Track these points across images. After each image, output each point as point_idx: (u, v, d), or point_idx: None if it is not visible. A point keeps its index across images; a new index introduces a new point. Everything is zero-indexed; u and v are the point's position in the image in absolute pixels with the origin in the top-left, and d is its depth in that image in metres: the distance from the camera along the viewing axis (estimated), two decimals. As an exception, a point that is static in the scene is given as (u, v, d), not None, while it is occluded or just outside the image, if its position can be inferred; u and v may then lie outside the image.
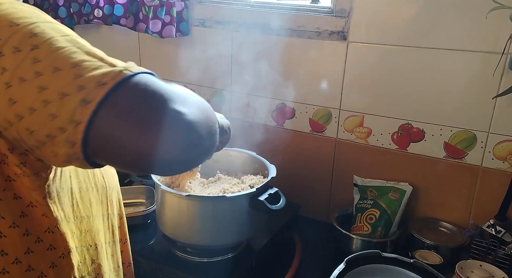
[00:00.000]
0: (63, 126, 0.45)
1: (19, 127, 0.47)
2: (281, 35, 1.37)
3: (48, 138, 0.46)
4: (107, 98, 0.44)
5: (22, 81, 0.46)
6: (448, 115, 1.22)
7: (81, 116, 0.44)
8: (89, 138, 0.45)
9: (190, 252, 1.14)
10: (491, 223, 1.16)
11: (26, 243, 0.57)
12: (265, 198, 1.03)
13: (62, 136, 0.46)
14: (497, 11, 1.05)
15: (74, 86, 0.45)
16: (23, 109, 0.46)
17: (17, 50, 0.46)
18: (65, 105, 0.45)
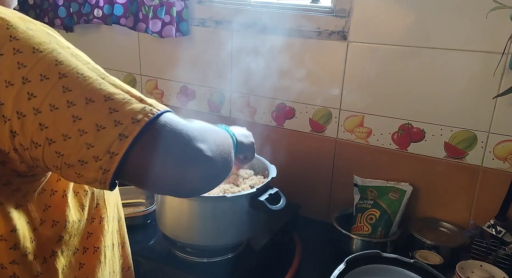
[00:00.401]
0: (98, 155, 0.50)
1: (47, 150, 0.51)
2: (281, 35, 1.37)
3: (79, 162, 0.51)
4: (141, 135, 0.50)
5: (53, 108, 0.49)
6: (449, 115, 1.22)
7: (118, 149, 0.50)
8: (122, 168, 0.51)
9: (190, 252, 1.14)
10: (492, 223, 1.15)
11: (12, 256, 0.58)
12: (265, 198, 1.03)
13: (96, 163, 0.50)
14: (497, 11, 1.05)
15: (111, 120, 0.50)
16: (55, 135, 0.50)
17: (45, 77, 0.49)
18: (102, 137, 0.50)
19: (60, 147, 0.50)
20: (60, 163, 0.51)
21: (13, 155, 0.52)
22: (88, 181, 0.53)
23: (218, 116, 1.57)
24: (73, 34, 1.70)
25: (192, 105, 1.61)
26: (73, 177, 0.53)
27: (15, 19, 0.51)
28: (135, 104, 0.52)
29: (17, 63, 0.49)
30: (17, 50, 0.49)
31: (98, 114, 0.50)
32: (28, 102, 0.49)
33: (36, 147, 0.51)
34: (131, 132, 0.50)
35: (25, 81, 0.49)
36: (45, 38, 0.52)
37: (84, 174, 0.52)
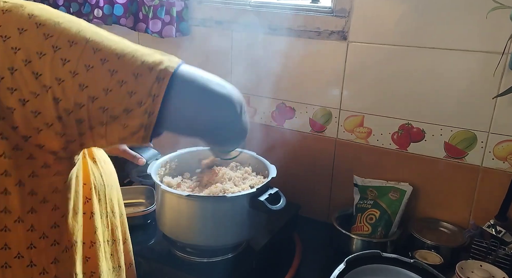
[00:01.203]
0: (141, 100, 0.55)
1: (92, 107, 0.55)
2: (281, 35, 1.37)
3: (124, 112, 0.55)
4: (174, 77, 0.56)
5: (89, 67, 0.54)
6: (448, 115, 1.22)
7: (158, 90, 0.55)
8: (165, 110, 0.55)
9: (190, 252, 1.14)
10: (491, 223, 1.15)
11: (29, 239, 0.59)
12: (265, 198, 1.03)
13: (140, 109, 0.55)
14: (497, 11, 1.05)
15: (145, 68, 0.55)
16: (96, 91, 0.54)
17: (73, 43, 0.54)
18: (141, 83, 0.55)
19: (103, 102, 0.54)
20: (106, 118, 0.55)
21: (56, 126, 0.55)
22: (132, 131, 0.56)
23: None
24: (73, 34, 1.69)
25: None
26: (117, 132, 0.57)
27: (26, 2, 0.55)
28: (160, 55, 0.58)
29: (43, 34, 0.53)
30: (39, 24, 0.53)
31: (131, 65, 0.55)
32: (64, 67, 0.53)
33: (80, 107, 0.54)
34: (166, 74, 0.55)
35: (56, 49, 0.53)
36: (59, 13, 0.56)
37: (129, 123, 0.56)
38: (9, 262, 0.58)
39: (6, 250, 0.57)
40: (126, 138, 0.57)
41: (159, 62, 0.56)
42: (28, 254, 0.59)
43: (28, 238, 0.58)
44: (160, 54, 0.58)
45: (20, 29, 0.52)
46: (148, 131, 0.56)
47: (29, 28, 0.52)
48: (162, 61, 0.57)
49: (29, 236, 0.58)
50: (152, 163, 1.18)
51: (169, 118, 0.57)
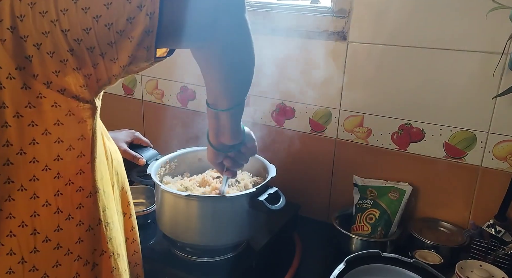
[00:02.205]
0: (140, 3, 0.55)
1: (98, 28, 0.55)
2: (281, 35, 1.37)
3: (128, 21, 0.56)
4: None
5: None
6: (448, 115, 1.22)
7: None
8: (164, 7, 0.55)
9: (190, 252, 1.14)
10: (491, 223, 1.16)
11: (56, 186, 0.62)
12: (265, 198, 1.04)
13: (142, 12, 0.55)
14: (497, 11, 1.05)
15: None
16: (98, 9, 0.55)
17: None
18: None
19: (107, 17, 0.55)
20: (113, 35, 0.56)
21: (71, 61, 0.57)
22: (138, 41, 0.56)
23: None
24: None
25: (192, 105, 1.61)
26: (125, 49, 0.57)
27: None
28: None
29: None
30: None
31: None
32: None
33: (88, 32, 0.55)
34: None
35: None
36: None
37: (134, 34, 0.56)
38: (37, 211, 0.61)
39: (35, 199, 0.60)
40: (133, 53, 0.58)
41: None
42: (55, 201, 0.62)
43: (55, 185, 0.61)
44: None
45: None
46: (151, 36, 0.57)
47: None
48: None
49: (56, 183, 0.61)
50: (152, 163, 1.18)
51: (171, 17, 0.57)
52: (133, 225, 0.87)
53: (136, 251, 0.88)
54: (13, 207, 0.59)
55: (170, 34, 0.60)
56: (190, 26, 0.59)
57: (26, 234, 0.61)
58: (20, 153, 0.58)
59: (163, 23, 0.57)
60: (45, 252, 0.62)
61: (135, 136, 1.28)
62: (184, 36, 0.61)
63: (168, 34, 0.60)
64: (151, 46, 0.58)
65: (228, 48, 0.69)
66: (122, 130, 1.28)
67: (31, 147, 0.59)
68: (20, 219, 0.60)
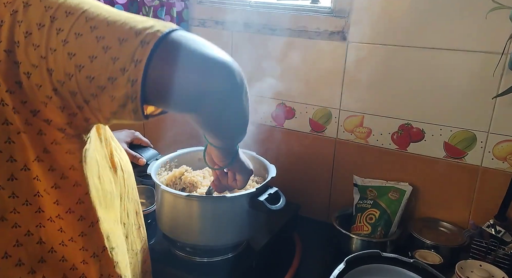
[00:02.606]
0: (124, 66, 0.52)
1: (79, 77, 0.53)
2: (281, 35, 1.37)
3: (109, 81, 0.53)
4: (162, 41, 0.52)
5: (78, 36, 0.53)
6: (448, 115, 1.22)
7: (141, 55, 0.51)
8: (148, 76, 0.52)
9: (190, 252, 1.14)
10: (491, 223, 1.16)
11: (57, 211, 0.63)
12: (265, 198, 1.03)
13: (124, 76, 0.52)
14: (497, 11, 1.05)
15: (132, 33, 0.53)
16: (82, 59, 0.53)
17: (70, 13, 0.54)
18: (125, 48, 0.52)
19: (89, 70, 0.53)
20: (94, 88, 0.54)
21: (55, 100, 0.55)
22: (120, 103, 0.54)
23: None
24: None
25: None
26: (108, 105, 0.55)
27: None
28: (153, 21, 0.55)
29: (44, 7, 0.54)
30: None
31: (119, 30, 0.53)
32: (57, 36, 0.53)
33: (70, 78, 0.54)
34: (152, 38, 0.52)
35: (53, 20, 0.53)
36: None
37: (116, 95, 0.53)
38: (43, 223, 0.63)
39: (40, 213, 0.62)
40: (117, 112, 0.55)
41: (149, 27, 0.53)
42: (58, 221, 0.63)
43: (56, 209, 0.62)
44: (156, 21, 0.55)
45: (25, 4, 0.54)
46: (135, 102, 0.53)
47: (33, 2, 0.54)
48: (153, 26, 0.53)
49: (56, 208, 0.62)
50: (152, 163, 1.18)
51: (155, 85, 0.53)
52: (142, 235, 0.87)
53: (146, 259, 0.89)
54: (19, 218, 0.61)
55: (155, 102, 0.57)
56: (176, 97, 0.55)
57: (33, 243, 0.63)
58: (11, 179, 0.59)
59: (147, 91, 0.53)
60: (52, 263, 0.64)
61: (135, 136, 1.28)
62: (170, 105, 0.58)
63: (153, 102, 0.56)
64: (138, 110, 0.54)
65: (217, 114, 0.64)
66: (122, 130, 1.28)
67: (25, 173, 0.59)
68: (26, 228, 0.62)
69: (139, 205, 0.87)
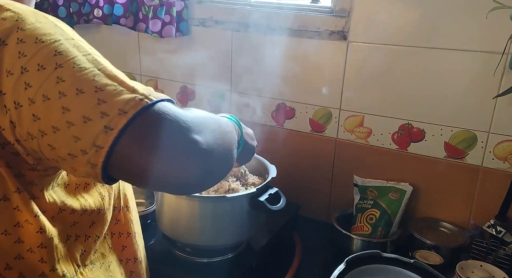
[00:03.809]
0: (85, 149, 0.48)
1: (42, 142, 0.50)
2: (281, 35, 1.37)
3: (69, 156, 0.49)
4: (128, 126, 0.48)
5: (46, 99, 0.49)
6: (449, 115, 1.22)
7: (103, 142, 0.47)
8: (110, 162, 0.48)
9: (190, 252, 1.14)
10: (492, 223, 1.15)
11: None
12: (265, 199, 1.03)
13: (84, 157, 0.49)
14: (497, 11, 1.05)
15: (98, 111, 0.48)
16: (46, 127, 0.49)
17: (42, 67, 0.49)
18: (88, 130, 0.48)
19: (51, 140, 0.50)
20: (55, 156, 0.51)
21: (17, 147, 0.53)
22: (83, 175, 0.51)
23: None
24: (73, 34, 1.69)
25: (192, 105, 1.61)
26: (70, 171, 0.53)
27: (26, 12, 0.52)
28: (126, 94, 0.49)
29: (18, 52, 0.49)
30: (20, 40, 0.50)
31: (86, 105, 0.48)
32: (25, 92, 0.49)
33: (32, 138, 0.50)
34: (117, 124, 0.47)
35: (24, 71, 0.49)
36: (51, 30, 0.52)
37: (77, 168, 0.51)
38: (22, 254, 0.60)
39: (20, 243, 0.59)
40: (82, 177, 0.53)
41: (117, 105, 0.48)
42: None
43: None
44: (129, 93, 0.50)
45: (1, 42, 0.50)
46: (97, 179, 0.50)
47: (10, 42, 0.50)
48: (122, 105, 0.48)
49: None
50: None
51: (118, 171, 0.50)
52: (142, 242, 0.86)
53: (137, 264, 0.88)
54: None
55: (121, 179, 0.54)
56: (141, 181, 0.51)
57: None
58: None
59: (110, 171, 0.50)
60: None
61: None
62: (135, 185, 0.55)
63: (118, 179, 0.53)
64: (101, 182, 0.52)
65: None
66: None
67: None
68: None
69: (137, 212, 0.86)
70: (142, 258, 0.86)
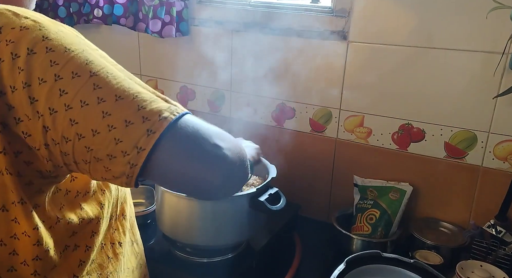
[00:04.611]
0: (126, 150, 0.52)
1: (77, 145, 0.52)
2: (281, 35, 1.37)
3: (107, 157, 0.53)
4: (168, 131, 0.52)
5: (84, 104, 0.51)
6: (449, 115, 1.22)
7: (145, 144, 0.52)
8: (148, 164, 0.53)
9: (190, 252, 1.14)
10: (492, 223, 1.15)
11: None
12: (265, 199, 1.03)
13: (124, 158, 0.52)
14: (497, 11, 1.05)
15: (139, 116, 0.52)
16: (85, 130, 0.52)
17: (77, 75, 0.51)
18: (130, 132, 0.52)
19: (89, 142, 0.52)
20: (90, 157, 0.53)
21: (43, 152, 0.54)
22: (115, 176, 0.54)
23: (218, 116, 1.57)
24: (73, 34, 1.69)
25: (192, 105, 1.61)
26: (100, 172, 0.55)
27: (46, 22, 0.54)
28: (162, 103, 0.54)
29: (49, 61, 0.51)
30: (49, 49, 0.51)
31: (127, 110, 0.52)
32: (60, 98, 0.51)
33: (66, 142, 0.52)
34: (158, 128, 0.52)
35: (57, 78, 0.51)
36: (75, 40, 0.54)
37: (112, 168, 0.53)
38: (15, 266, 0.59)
39: (14, 255, 0.59)
40: (109, 179, 0.56)
41: (156, 112, 0.53)
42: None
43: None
44: (163, 102, 0.55)
45: (30, 50, 0.51)
46: (130, 179, 0.54)
47: (39, 51, 0.51)
48: (161, 112, 0.53)
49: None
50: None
51: (153, 171, 0.54)
52: (137, 250, 0.85)
53: (145, 274, 0.87)
54: None
55: (150, 180, 0.57)
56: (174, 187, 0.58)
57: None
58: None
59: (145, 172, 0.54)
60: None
61: None
62: (165, 187, 0.60)
63: (148, 179, 0.57)
64: (130, 183, 0.55)
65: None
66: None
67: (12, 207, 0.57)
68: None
69: (134, 220, 0.86)
70: (142, 264, 0.86)
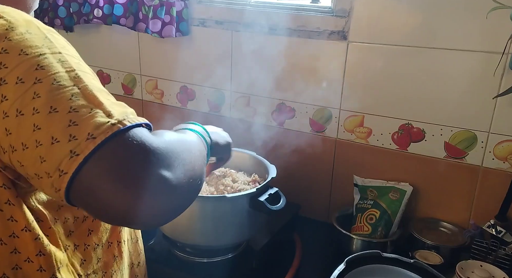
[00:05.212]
0: (49, 171, 0.47)
1: (12, 157, 0.49)
2: (281, 35, 1.37)
3: (36, 176, 0.48)
4: (94, 152, 0.46)
5: (19, 114, 0.47)
6: (449, 115, 1.22)
7: (67, 167, 0.46)
8: (73, 187, 0.47)
9: (190, 252, 1.14)
10: (492, 223, 1.15)
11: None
12: (265, 199, 1.03)
13: (48, 180, 0.47)
14: (497, 11, 1.05)
15: (67, 133, 0.46)
16: (16, 143, 0.48)
17: (21, 81, 0.48)
18: (54, 152, 0.46)
19: (20, 157, 0.48)
20: (25, 173, 0.50)
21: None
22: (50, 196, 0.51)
23: (218, 116, 1.57)
24: (73, 34, 1.70)
25: (192, 105, 1.61)
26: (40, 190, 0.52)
27: (19, 22, 0.51)
28: (99, 118, 0.47)
29: (0, 63, 0.48)
30: (4, 50, 0.48)
31: (57, 125, 0.47)
32: (0, 104, 0.48)
33: (4, 152, 0.49)
34: (83, 149, 0.46)
35: (2, 83, 0.48)
36: (39, 42, 0.50)
37: (43, 189, 0.49)
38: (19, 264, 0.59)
39: (16, 254, 0.58)
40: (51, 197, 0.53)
41: (86, 130, 0.46)
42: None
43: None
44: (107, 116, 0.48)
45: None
46: (62, 202, 0.49)
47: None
48: (98, 127, 0.46)
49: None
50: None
51: (77, 199, 0.48)
52: (141, 247, 0.86)
53: (144, 273, 0.87)
54: None
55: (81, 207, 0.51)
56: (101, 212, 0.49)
57: None
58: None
59: (71, 198, 0.48)
60: None
61: None
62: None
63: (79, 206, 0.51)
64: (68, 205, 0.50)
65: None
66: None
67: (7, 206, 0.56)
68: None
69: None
70: (141, 261, 0.86)
